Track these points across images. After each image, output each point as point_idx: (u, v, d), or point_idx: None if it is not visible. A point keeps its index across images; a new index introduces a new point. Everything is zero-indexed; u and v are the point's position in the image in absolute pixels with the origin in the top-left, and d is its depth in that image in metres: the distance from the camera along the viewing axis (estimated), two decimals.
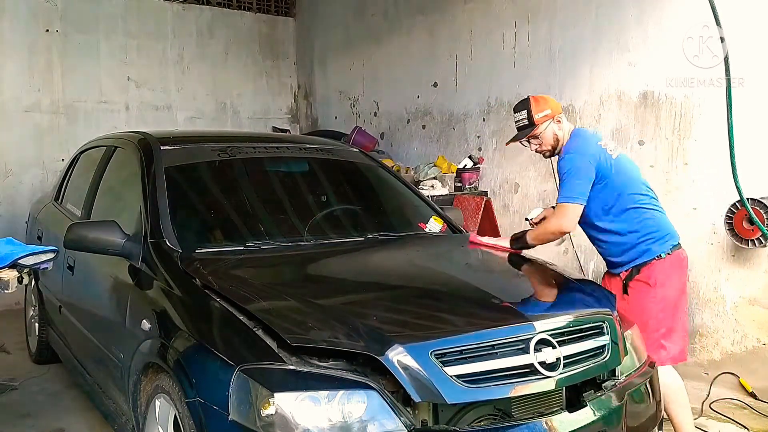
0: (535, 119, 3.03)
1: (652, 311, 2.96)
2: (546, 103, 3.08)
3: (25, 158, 6.35)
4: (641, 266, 2.99)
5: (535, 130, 3.05)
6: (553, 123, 3.06)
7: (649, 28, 4.45)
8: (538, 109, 3.03)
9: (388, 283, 2.70)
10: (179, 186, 3.14)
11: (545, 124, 3.04)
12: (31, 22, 6.31)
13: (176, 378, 2.17)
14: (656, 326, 2.95)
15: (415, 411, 1.95)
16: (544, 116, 3.04)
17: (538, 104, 3.05)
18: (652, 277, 2.97)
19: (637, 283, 2.99)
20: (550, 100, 3.14)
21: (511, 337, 2.10)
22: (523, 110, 3.07)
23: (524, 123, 3.08)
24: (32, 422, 3.60)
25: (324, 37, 7.86)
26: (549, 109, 3.05)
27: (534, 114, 3.03)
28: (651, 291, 2.96)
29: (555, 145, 3.09)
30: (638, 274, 2.99)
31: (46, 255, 2.73)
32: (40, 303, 4.30)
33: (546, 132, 3.06)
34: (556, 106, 3.09)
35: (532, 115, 3.03)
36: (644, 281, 2.98)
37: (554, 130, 3.06)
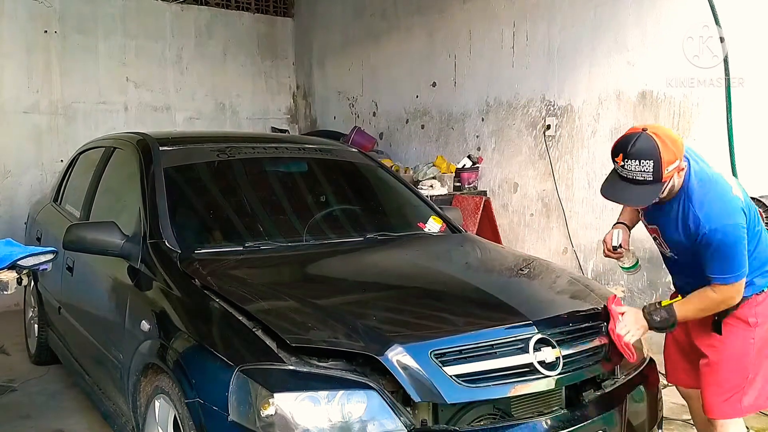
0: (664, 175, 2.16)
1: (748, 355, 2.42)
2: (676, 146, 2.19)
3: (24, 159, 6.34)
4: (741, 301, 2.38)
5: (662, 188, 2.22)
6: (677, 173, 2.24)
7: (648, 28, 4.45)
8: (669, 159, 2.15)
9: (388, 283, 2.70)
10: (178, 187, 3.14)
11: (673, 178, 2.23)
12: (30, 23, 6.31)
13: (176, 378, 2.17)
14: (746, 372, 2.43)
15: (415, 411, 1.95)
16: (674, 170, 2.19)
17: (667, 150, 2.15)
18: (752, 313, 2.40)
19: (734, 320, 2.41)
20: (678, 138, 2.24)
21: (511, 337, 2.10)
22: (649, 160, 2.15)
23: (646, 178, 2.17)
24: (32, 423, 3.60)
25: (323, 37, 7.86)
26: (678, 158, 2.19)
27: (664, 167, 2.15)
28: (750, 331, 2.41)
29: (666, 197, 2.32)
30: (736, 310, 2.40)
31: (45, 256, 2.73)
32: (40, 304, 4.30)
33: (668, 186, 2.25)
34: (682, 148, 2.23)
35: (661, 169, 2.15)
36: (743, 319, 2.41)
37: (675, 182, 2.27)
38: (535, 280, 2.89)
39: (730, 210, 2.26)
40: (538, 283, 2.85)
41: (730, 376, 2.41)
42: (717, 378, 2.44)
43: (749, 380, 2.43)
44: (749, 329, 2.40)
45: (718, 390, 2.44)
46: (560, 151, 5.11)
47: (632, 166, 2.18)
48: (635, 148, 2.17)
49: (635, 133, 2.20)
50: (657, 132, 2.19)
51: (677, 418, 3.54)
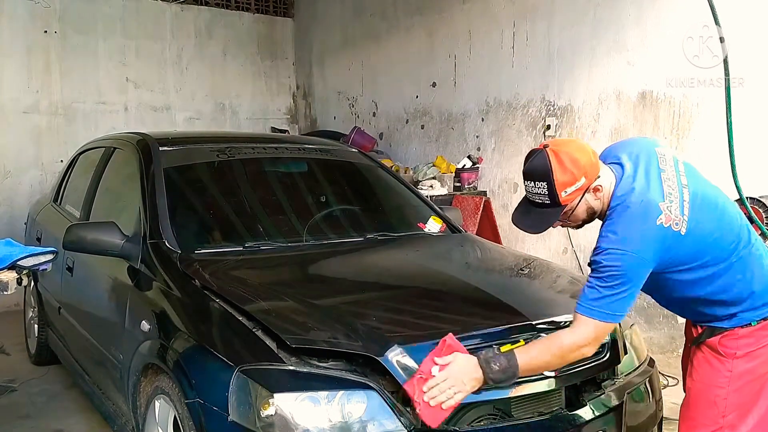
0: (561, 199, 1.93)
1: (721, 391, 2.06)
2: (576, 165, 1.92)
3: (24, 159, 6.34)
4: (718, 331, 2.06)
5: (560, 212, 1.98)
6: (588, 194, 1.96)
7: (648, 28, 4.45)
8: (565, 181, 1.91)
9: (388, 284, 2.70)
10: (178, 187, 3.14)
11: (576, 200, 1.96)
12: (30, 23, 6.31)
13: (176, 379, 2.17)
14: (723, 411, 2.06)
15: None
16: (574, 191, 1.93)
17: (564, 171, 1.91)
18: (733, 347, 2.03)
19: (707, 350, 2.09)
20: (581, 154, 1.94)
21: (511, 337, 2.10)
22: (542, 182, 1.94)
23: (544, 201, 1.97)
24: (32, 423, 3.60)
25: (322, 37, 7.86)
26: (582, 176, 1.92)
27: (559, 191, 1.92)
28: (725, 362, 2.04)
29: (589, 218, 2.05)
30: (710, 338, 2.07)
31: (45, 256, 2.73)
32: (40, 304, 4.30)
33: (577, 209, 1.99)
34: (591, 167, 1.94)
35: (556, 192, 1.92)
36: (717, 350, 2.06)
37: (588, 203, 1.99)
38: (536, 280, 2.89)
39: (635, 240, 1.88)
40: (538, 284, 2.85)
41: (702, 410, 2.10)
42: (688, 412, 2.17)
43: (727, 422, 2.05)
44: (725, 360, 2.03)
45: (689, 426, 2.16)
46: None
47: (529, 187, 1.99)
48: (530, 167, 1.98)
49: (534, 151, 2.00)
50: (558, 150, 1.93)
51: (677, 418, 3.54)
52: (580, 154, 1.94)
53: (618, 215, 1.93)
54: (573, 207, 1.97)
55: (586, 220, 2.05)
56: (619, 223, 1.92)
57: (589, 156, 1.96)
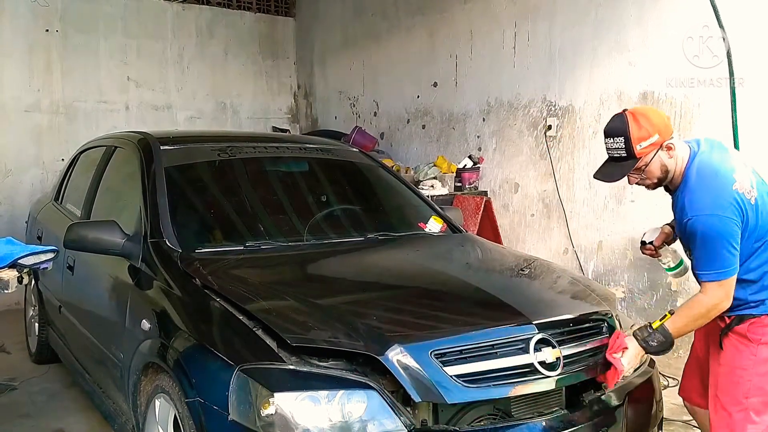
0: (637, 151, 2.21)
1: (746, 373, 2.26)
2: (650, 123, 2.22)
3: (25, 158, 6.34)
4: (747, 318, 2.27)
5: (637, 163, 2.24)
6: (662, 152, 2.23)
7: (649, 28, 4.45)
8: (641, 135, 2.20)
9: (388, 283, 2.70)
10: (179, 186, 3.14)
11: (651, 154, 2.22)
12: (31, 22, 6.31)
13: (176, 378, 2.17)
14: (747, 393, 2.25)
15: (415, 411, 1.95)
16: (648, 146, 2.21)
17: (639, 127, 2.21)
18: (759, 333, 2.25)
19: (737, 336, 2.29)
20: (656, 116, 2.26)
21: (511, 337, 2.10)
22: (619, 136, 2.23)
23: (621, 154, 2.25)
24: (32, 422, 3.60)
25: (324, 36, 7.86)
26: (656, 133, 2.21)
27: (635, 143, 2.20)
28: (751, 347, 2.26)
29: (663, 177, 2.29)
30: (739, 325, 2.28)
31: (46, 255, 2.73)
32: (40, 303, 4.30)
33: (651, 165, 2.24)
34: (665, 127, 2.24)
35: (632, 144, 2.20)
36: (746, 336, 2.27)
37: (663, 161, 2.25)
38: (536, 280, 2.89)
39: (719, 203, 2.16)
40: (538, 284, 2.85)
41: (727, 389, 2.28)
42: (715, 390, 2.34)
43: (752, 405, 2.24)
44: (750, 345, 2.26)
45: (716, 404, 2.32)
46: (561, 152, 5.11)
47: (609, 144, 2.30)
48: (608, 126, 2.31)
49: (615, 115, 2.32)
50: (634, 111, 2.27)
51: (677, 418, 3.54)
52: (653, 114, 2.26)
53: (696, 182, 2.22)
54: (647, 162, 2.24)
55: (661, 178, 2.29)
56: (699, 190, 2.21)
57: (662, 118, 2.27)
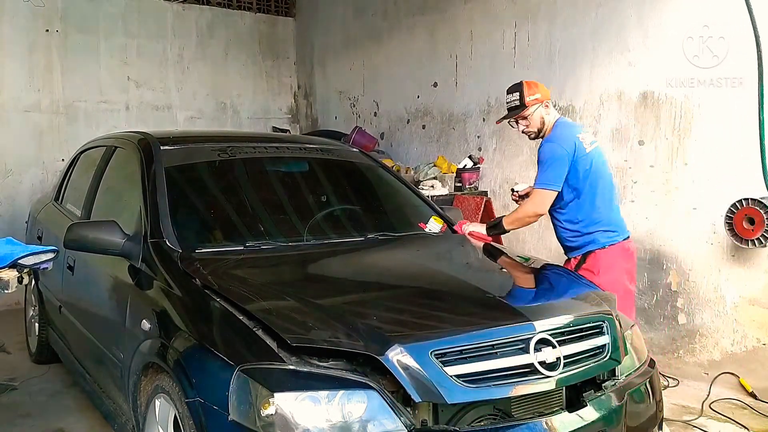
0: (526, 101, 3.31)
1: None
2: (537, 88, 3.35)
3: (25, 158, 6.34)
4: (587, 255, 3.30)
5: (524, 111, 3.32)
6: (542, 107, 3.34)
7: (649, 28, 4.45)
8: (530, 93, 3.31)
9: (388, 283, 2.70)
10: (179, 186, 3.14)
11: (534, 107, 3.32)
12: (31, 22, 6.31)
13: (176, 378, 2.17)
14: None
15: (415, 411, 1.95)
16: (534, 99, 3.32)
17: (530, 88, 3.33)
18: (596, 265, 3.26)
19: (584, 271, 3.25)
20: (541, 86, 3.39)
21: (511, 337, 2.10)
22: (516, 92, 3.35)
23: (515, 104, 3.36)
24: (32, 422, 3.60)
25: (324, 37, 7.86)
26: (539, 93, 3.33)
27: (525, 96, 3.31)
28: (595, 278, 3.13)
29: (540, 128, 3.37)
30: (584, 263, 3.30)
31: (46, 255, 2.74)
32: (40, 303, 4.30)
33: (534, 115, 3.34)
34: (545, 92, 3.37)
35: (523, 97, 3.31)
36: (589, 269, 3.26)
37: (542, 114, 3.35)
38: (536, 280, 2.89)
39: (562, 137, 3.26)
40: (538, 284, 2.85)
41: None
42: None
43: None
44: (594, 276, 3.15)
45: None
46: None
47: (509, 98, 3.40)
48: (511, 86, 3.42)
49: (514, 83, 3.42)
50: (527, 81, 3.40)
51: (677, 418, 3.54)
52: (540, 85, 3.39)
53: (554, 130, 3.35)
54: (531, 111, 3.33)
55: (539, 129, 3.38)
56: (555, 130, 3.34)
57: (545, 88, 3.39)
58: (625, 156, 4.65)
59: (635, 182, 4.60)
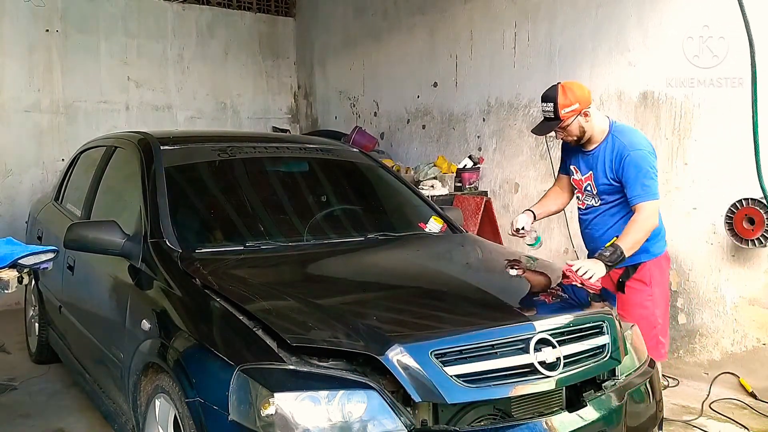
0: (561, 114, 2.96)
1: (649, 309, 3.07)
2: (574, 94, 2.97)
3: (25, 158, 6.34)
4: (638, 265, 3.06)
5: (560, 123, 3.00)
6: (580, 117, 2.99)
7: (649, 28, 4.44)
8: (566, 102, 2.95)
9: (388, 283, 2.70)
10: (179, 186, 3.14)
11: (572, 118, 2.98)
12: (31, 22, 6.31)
13: (176, 378, 2.17)
14: (655, 323, 3.06)
15: (415, 411, 1.95)
16: (571, 111, 2.96)
17: (566, 96, 2.96)
18: (647, 275, 3.06)
19: (634, 282, 3.08)
20: (578, 89, 3.02)
21: (511, 337, 2.10)
22: (550, 102, 2.97)
23: (549, 115, 3.01)
24: (32, 422, 3.60)
25: (324, 36, 7.86)
26: (577, 102, 2.96)
27: (560, 108, 2.95)
28: (647, 289, 3.06)
29: (581, 136, 3.06)
30: (635, 273, 3.07)
31: (46, 255, 2.74)
32: (40, 303, 4.30)
33: (572, 126, 3.01)
34: (585, 98, 3.00)
35: (558, 109, 2.96)
36: (641, 280, 3.07)
37: (581, 123, 3.01)
38: (536, 280, 2.89)
39: (650, 144, 3.03)
40: (538, 284, 2.85)
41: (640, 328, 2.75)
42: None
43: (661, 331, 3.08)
44: (647, 287, 3.05)
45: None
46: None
47: (543, 107, 3.03)
48: (545, 93, 3.04)
49: (551, 86, 3.05)
50: (564, 84, 3.02)
51: (677, 418, 3.55)
52: (578, 88, 3.02)
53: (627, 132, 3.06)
54: (569, 123, 3.00)
55: (579, 137, 3.06)
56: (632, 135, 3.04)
57: (584, 92, 3.02)
58: None
59: None
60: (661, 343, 3.09)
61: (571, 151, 3.24)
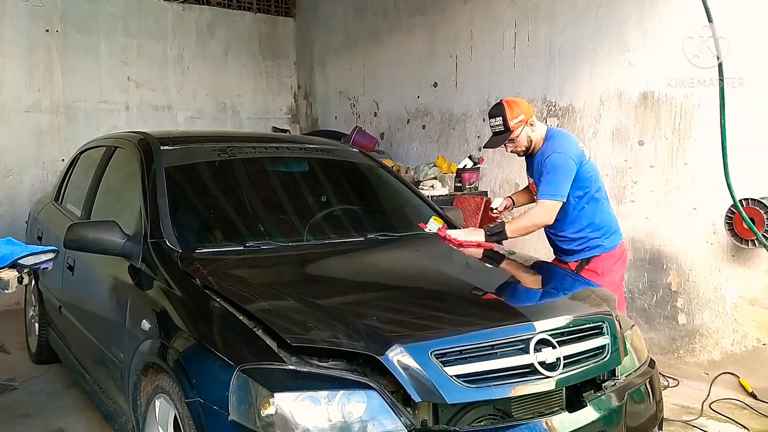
0: (510, 125, 3.27)
1: None
2: (519, 108, 3.30)
3: (25, 158, 6.35)
4: (591, 258, 3.36)
5: (510, 135, 3.29)
6: (527, 127, 3.31)
7: (649, 28, 4.45)
8: (513, 115, 3.26)
9: (388, 283, 2.70)
10: (179, 186, 3.14)
11: (520, 129, 3.29)
12: (31, 22, 6.31)
13: (176, 378, 2.17)
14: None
15: (415, 411, 1.95)
16: (518, 122, 3.27)
17: (512, 110, 3.27)
18: (600, 267, 3.35)
19: (587, 273, 3.32)
20: (522, 103, 3.36)
21: (511, 337, 2.10)
22: (499, 116, 3.29)
23: (500, 129, 3.31)
24: (32, 422, 3.60)
25: (324, 37, 7.86)
26: (522, 114, 3.28)
27: (509, 120, 3.26)
28: (599, 279, 3.24)
29: (528, 146, 3.36)
30: (587, 265, 3.37)
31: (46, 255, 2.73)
32: (40, 303, 4.30)
33: (521, 136, 3.31)
34: (528, 110, 3.34)
35: (507, 121, 3.26)
36: (593, 270, 3.34)
37: (528, 134, 3.33)
38: (536, 280, 2.89)
39: (570, 147, 3.27)
40: (538, 284, 2.85)
41: None
42: None
43: None
44: (598, 278, 3.25)
45: None
46: None
47: (492, 123, 3.34)
48: (493, 110, 3.36)
49: (495, 103, 3.39)
50: (508, 100, 3.35)
51: (677, 418, 3.54)
52: (521, 102, 3.38)
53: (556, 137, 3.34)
54: (517, 134, 3.31)
55: (527, 147, 3.36)
56: (558, 139, 3.32)
57: (527, 105, 3.38)
58: (625, 156, 4.65)
59: (635, 182, 4.60)
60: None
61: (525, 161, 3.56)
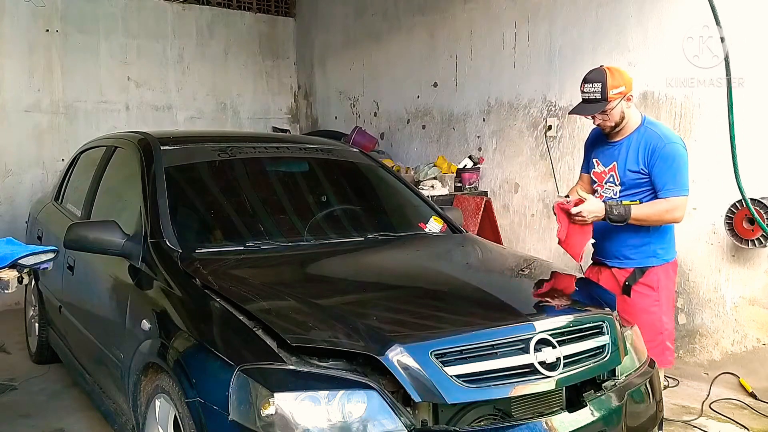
0: (609, 95, 2.89)
1: (656, 314, 3.02)
2: (621, 77, 2.92)
3: (25, 158, 6.34)
4: (647, 269, 3.02)
5: (606, 106, 2.90)
6: (624, 101, 2.94)
7: (649, 28, 4.45)
8: (614, 84, 2.88)
9: (388, 283, 2.70)
10: (179, 186, 3.14)
11: (617, 101, 2.91)
12: (31, 22, 6.31)
13: (176, 378, 2.17)
14: (661, 329, 3.03)
15: (415, 411, 1.95)
16: (618, 93, 2.90)
17: (614, 78, 2.90)
18: (655, 280, 3.01)
19: (641, 286, 3.02)
20: (625, 74, 2.97)
21: (511, 337, 2.10)
22: (597, 83, 2.89)
23: (596, 96, 2.91)
24: (32, 422, 3.60)
25: (324, 37, 7.86)
26: (623, 85, 2.91)
27: (609, 89, 2.88)
28: (654, 294, 3.01)
29: (619, 123, 2.98)
30: (642, 277, 3.02)
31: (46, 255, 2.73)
32: (40, 303, 4.30)
33: (615, 109, 2.93)
34: (629, 83, 2.95)
35: (606, 90, 2.87)
36: (648, 285, 3.01)
37: (623, 108, 2.95)
38: (536, 280, 2.89)
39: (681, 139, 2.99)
40: (538, 284, 2.85)
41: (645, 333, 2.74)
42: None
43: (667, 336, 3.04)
44: (653, 292, 3.01)
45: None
46: (561, 152, 5.11)
47: (587, 88, 2.94)
48: (590, 74, 2.96)
49: (594, 68, 3.00)
50: (610, 66, 2.98)
51: (677, 418, 3.55)
52: (624, 72, 2.97)
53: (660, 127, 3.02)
54: (613, 106, 2.91)
55: (617, 123, 2.97)
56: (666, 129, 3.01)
57: (629, 78, 2.96)
58: None
59: None
60: (669, 349, 3.04)
61: (595, 143, 3.20)
